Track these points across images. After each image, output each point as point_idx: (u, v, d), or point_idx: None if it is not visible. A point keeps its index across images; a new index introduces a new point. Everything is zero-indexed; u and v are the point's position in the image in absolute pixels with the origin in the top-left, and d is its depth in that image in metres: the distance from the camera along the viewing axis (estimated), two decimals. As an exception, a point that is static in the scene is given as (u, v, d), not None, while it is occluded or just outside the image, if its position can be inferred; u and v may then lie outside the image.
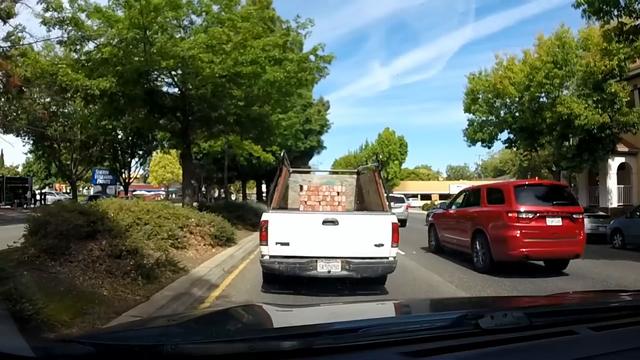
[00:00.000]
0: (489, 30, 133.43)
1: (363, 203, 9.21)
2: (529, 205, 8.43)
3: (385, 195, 7.37)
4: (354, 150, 70.72)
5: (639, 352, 1.27)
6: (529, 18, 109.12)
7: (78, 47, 13.38)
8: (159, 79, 14.71)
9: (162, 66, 12.31)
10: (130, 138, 30.39)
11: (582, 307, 1.78)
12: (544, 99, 20.41)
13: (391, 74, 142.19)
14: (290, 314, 1.84)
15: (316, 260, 6.29)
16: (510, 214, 8.40)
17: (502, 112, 23.21)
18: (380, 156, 9.11)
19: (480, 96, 23.48)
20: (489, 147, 27.69)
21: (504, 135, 24.91)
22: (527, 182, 9.71)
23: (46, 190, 50.63)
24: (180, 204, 18.01)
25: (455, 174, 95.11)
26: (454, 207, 11.29)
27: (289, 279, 6.56)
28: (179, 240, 9.11)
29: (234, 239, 11.69)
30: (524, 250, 8.25)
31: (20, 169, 64.91)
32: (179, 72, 13.77)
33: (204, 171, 35.78)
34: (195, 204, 17.69)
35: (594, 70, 18.03)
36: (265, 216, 6.48)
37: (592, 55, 18.02)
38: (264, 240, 6.36)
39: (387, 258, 6.35)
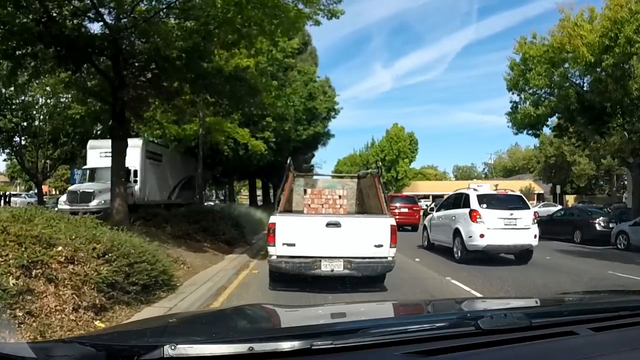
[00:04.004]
0: (491, 31, 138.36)
1: (363, 206, 10.11)
2: (394, 204, 21.09)
3: (384, 199, 8.24)
4: (360, 148, 70.95)
5: (639, 353, 1.35)
6: (531, 19, 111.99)
7: None
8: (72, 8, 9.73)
9: None
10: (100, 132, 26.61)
11: (582, 307, 1.88)
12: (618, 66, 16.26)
13: (393, 76, 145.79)
14: (291, 314, 1.93)
15: (320, 260, 7.18)
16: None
17: (555, 89, 19.34)
18: (380, 163, 10.17)
19: (526, 68, 19.64)
20: (537, 136, 23.98)
21: (540, 128, 21.80)
22: (397, 195, 27.73)
23: (33, 191, 49.86)
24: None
25: (463, 174, 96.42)
26: None
27: (294, 277, 7.44)
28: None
29: (168, 283, 6.43)
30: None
31: (2, 169, 64.36)
32: None
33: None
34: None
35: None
36: (272, 219, 7.40)
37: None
38: (271, 241, 7.24)
39: (386, 258, 7.28)
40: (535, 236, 11.43)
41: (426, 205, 30.03)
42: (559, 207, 41.43)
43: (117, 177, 10.93)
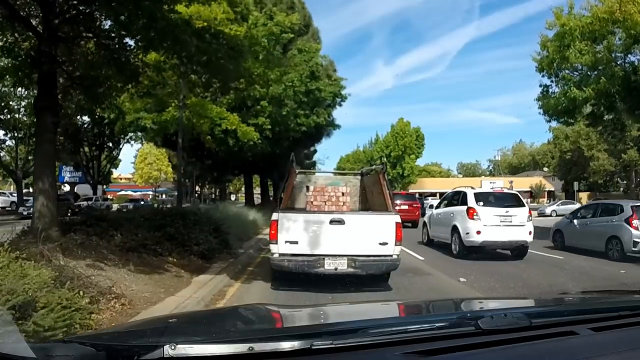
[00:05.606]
0: (493, 28, 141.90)
1: (367, 203, 10.21)
2: (395, 201, 17.89)
3: (389, 195, 8.31)
4: (364, 144, 71.19)
5: (639, 353, 1.39)
6: (533, 15, 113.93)
7: None
8: None
9: None
10: (91, 125, 25.38)
11: (582, 307, 1.93)
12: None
13: (395, 74, 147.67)
14: (291, 314, 1.99)
15: (323, 258, 7.23)
16: None
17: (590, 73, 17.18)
18: (385, 159, 10.14)
19: (562, 44, 17.70)
20: (571, 124, 23.41)
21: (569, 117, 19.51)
22: (398, 192, 27.98)
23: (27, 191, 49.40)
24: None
25: (467, 171, 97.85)
26: None
27: (297, 276, 7.43)
28: None
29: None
30: None
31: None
32: None
33: (197, 169, 32.54)
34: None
35: None
36: (274, 216, 7.44)
37: None
38: (273, 239, 7.30)
39: (391, 256, 7.32)
40: (530, 233, 12.15)
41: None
42: (578, 205, 41.00)
43: (43, 168, 7.94)
